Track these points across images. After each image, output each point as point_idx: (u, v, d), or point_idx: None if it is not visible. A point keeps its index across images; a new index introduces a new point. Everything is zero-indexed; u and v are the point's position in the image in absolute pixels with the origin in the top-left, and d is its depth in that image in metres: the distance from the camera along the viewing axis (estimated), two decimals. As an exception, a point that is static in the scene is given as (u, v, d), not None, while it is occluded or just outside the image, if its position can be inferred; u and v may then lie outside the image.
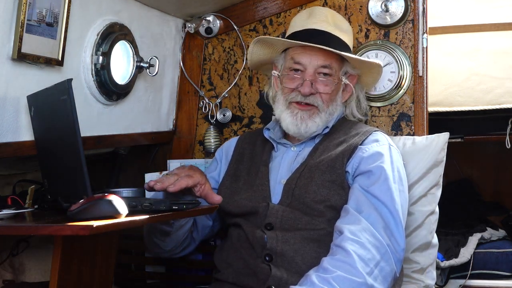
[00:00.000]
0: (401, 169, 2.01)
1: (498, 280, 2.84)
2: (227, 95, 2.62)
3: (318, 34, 2.08)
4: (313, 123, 2.07)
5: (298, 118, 2.07)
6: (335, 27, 2.12)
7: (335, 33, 2.10)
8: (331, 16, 2.15)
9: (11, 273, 2.23)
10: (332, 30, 2.10)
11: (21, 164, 2.20)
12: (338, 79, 2.10)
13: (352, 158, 1.98)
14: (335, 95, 2.11)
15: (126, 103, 2.35)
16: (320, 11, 2.17)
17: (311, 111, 2.07)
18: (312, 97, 2.07)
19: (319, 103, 2.07)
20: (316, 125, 2.07)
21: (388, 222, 1.87)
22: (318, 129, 2.08)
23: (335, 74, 2.08)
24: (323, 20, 2.12)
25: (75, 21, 1.99)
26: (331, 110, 2.10)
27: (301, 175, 2.01)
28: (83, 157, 1.60)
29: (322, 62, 2.07)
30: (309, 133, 2.08)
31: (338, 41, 2.10)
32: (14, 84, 1.82)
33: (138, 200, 1.71)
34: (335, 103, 2.11)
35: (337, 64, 2.09)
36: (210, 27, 2.61)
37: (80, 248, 1.67)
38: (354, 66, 2.14)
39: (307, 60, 2.07)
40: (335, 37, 2.10)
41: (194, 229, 2.16)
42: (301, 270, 1.87)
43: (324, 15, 2.14)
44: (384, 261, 1.81)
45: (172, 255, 2.19)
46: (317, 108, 2.07)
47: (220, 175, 2.22)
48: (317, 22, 2.11)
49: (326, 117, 2.09)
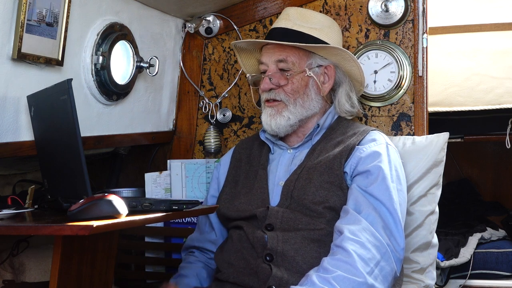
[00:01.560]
0: (399, 168, 2.01)
1: (498, 280, 2.83)
2: (227, 95, 2.62)
3: (276, 32, 2.13)
4: (281, 117, 2.08)
5: (268, 116, 2.10)
6: (295, 24, 2.13)
7: (294, 28, 2.11)
8: (297, 14, 2.16)
9: (11, 273, 2.23)
10: (291, 26, 2.12)
11: (21, 164, 2.20)
12: (300, 71, 2.10)
13: (350, 159, 1.98)
14: (304, 88, 2.10)
15: (126, 103, 2.35)
16: (286, 11, 2.20)
17: (279, 107, 2.09)
18: (274, 92, 2.10)
19: (282, 97, 2.09)
20: (286, 119, 2.08)
21: (387, 222, 1.87)
22: (291, 121, 2.08)
23: (294, 67, 2.10)
24: (284, 18, 2.16)
25: (75, 21, 1.99)
26: (301, 103, 2.10)
27: (299, 176, 2.01)
28: (83, 157, 1.60)
29: (277, 56, 2.10)
30: (281, 129, 2.08)
31: (296, 35, 2.11)
32: (14, 84, 1.83)
33: (138, 200, 1.72)
34: (305, 96, 2.10)
35: (296, 57, 2.10)
36: (210, 27, 2.61)
37: (80, 248, 1.68)
38: (323, 57, 2.14)
39: (267, 59, 2.12)
40: (292, 32, 2.11)
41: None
42: (301, 269, 1.87)
43: (286, 14, 2.17)
44: (384, 261, 1.81)
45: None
46: (283, 103, 2.09)
47: (219, 189, 2.23)
48: (278, 21, 2.16)
49: (296, 110, 2.09)
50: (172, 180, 2.50)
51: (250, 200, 2.06)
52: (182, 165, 2.50)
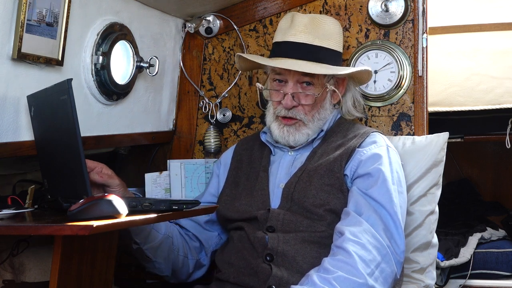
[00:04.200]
0: (400, 170, 2.01)
1: (498, 280, 2.83)
2: (227, 95, 2.62)
3: (297, 48, 2.07)
4: (300, 135, 2.08)
5: (285, 132, 2.08)
6: (315, 36, 2.08)
7: (315, 43, 2.07)
8: (311, 23, 2.10)
9: (11, 273, 2.22)
10: (312, 40, 2.07)
11: (21, 164, 2.20)
12: (322, 86, 2.08)
13: (350, 161, 1.98)
14: (321, 102, 2.10)
15: (126, 103, 2.35)
16: (299, 20, 2.12)
17: (297, 125, 2.08)
18: (294, 111, 2.07)
19: (302, 116, 2.07)
20: (306, 136, 2.09)
21: (387, 224, 1.87)
22: (310, 137, 2.09)
23: (317, 82, 2.07)
24: (302, 30, 2.08)
25: (75, 21, 1.99)
26: (318, 116, 2.09)
27: (300, 179, 2.01)
28: (83, 157, 1.60)
29: (302, 78, 2.06)
30: (300, 143, 2.10)
31: (319, 51, 2.07)
32: (14, 84, 1.82)
33: (138, 200, 1.72)
34: (322, 110, 2.10)
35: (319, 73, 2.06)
36: (210, 27, 2.61)
37: (80, 248, 1.67)
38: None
39: (287, 73, 2.07)
40: (315, 48, 2.07)
41: (189, 251, 2.15)
42: (302, 269, 1.87)
43: (303, 25, 2.09)
44: (385, 263, 1.82)
45: (181, 279, 2.19)
46: (302, 122, 2.08)
47: (219, 188, 2.23)
48: (296, 34, 2.08)
49: (314, 125, 2.09)
50: (171, 180, 2.50)
51: (251, 201, 2.06)
52: (181, 165, 2.50)
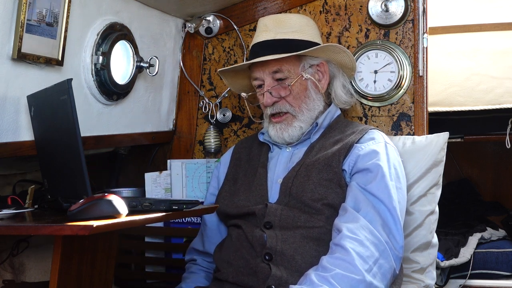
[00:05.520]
0: (398, 166, 2.01)
1: (498, 280, 2.83)
2: (227, 95, 2.62)
3: (260, 47, 2.12)
4: (293, 128, 2.10)
5: (278, 130, 2.11)
6: (276, 32, 2.12)
7: (277, 37, 2.11)
8: (273, 22, 2.16)
9: (11, 273, 2.23)
10: (273, 36, 2.12)
11: (21, 164, 2.20)
12: (297, 77, 2.10)
13: (349, 156, 1.99)
14: (304, 92, 2.11)
15: (126, 103, 2.35)
16: (261, 22, 2.19)
17: (287, 120, 2.10)
18: (278, 105, 2.10)
19: (288, 108, 2.10)
20: (299, 129, 2.10)
21: (386, 220, 1.87)
22: (304, 130, 2.10)
23: (290, 74, 2.10)
24: (263, 30, 2.15)
25: (75, 21, 1.99)
26: (306, 107, 2.11)
27: (298, 173, 2.01)
28: (83, 157, 1.60)
29: (272, 68, 2.10)
30: (296, 138, 2.11)
31: (282, 42, 2.11)
32: (14, 84, 1.83)
33: (138, 200, 1.72)
34: (308, 100, 2.12)
35: (290, 64, 2.10)
36: (210, 27, 2.61)
37: (80, 248, 1.68)
38: (313, 56, 2.14)
39: (260, 73, 2.12)
40: (277, 41, 2.11)
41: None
42: (301, 269, 1.87)
43: (264, 25, 2.16)
44: (383, 258, 1.82)
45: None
46: (290, 114, 2.10)
47: (219, 187, 2.23)
48: (258, 35, 2.15)
49: (304, 116, 2.10)
50: (172, 180, 2.50)
51: (249, 197, 2.06)
52: (182, 164, 2.50)
